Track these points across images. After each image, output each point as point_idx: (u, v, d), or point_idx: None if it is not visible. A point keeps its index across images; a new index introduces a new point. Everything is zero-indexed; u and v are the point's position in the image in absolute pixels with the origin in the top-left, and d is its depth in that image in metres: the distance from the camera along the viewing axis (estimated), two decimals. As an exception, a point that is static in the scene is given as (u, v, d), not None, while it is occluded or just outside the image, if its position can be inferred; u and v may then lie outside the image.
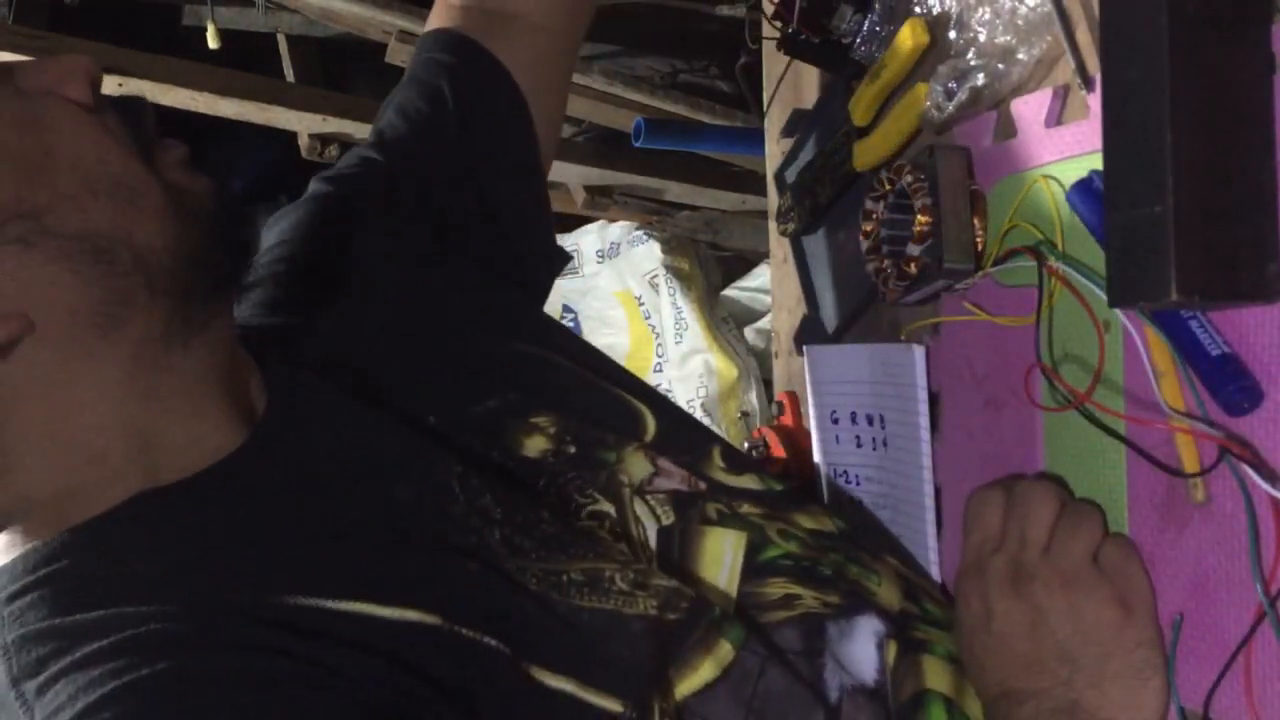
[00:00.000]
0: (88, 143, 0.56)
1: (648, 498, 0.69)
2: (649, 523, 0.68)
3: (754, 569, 0.69)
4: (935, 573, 0.84)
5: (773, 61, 1.15)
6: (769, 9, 0.88)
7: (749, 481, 0.75)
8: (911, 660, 0.70)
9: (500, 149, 0.81)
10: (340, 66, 2.40)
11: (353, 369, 0.68)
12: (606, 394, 0.74)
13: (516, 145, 0.82)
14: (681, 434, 0.75)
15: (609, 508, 0.67)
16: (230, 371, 0.62)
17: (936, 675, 0.70)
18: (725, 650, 0.63)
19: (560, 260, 0.89)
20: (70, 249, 0.54)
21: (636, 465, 0.70)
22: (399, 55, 1.88)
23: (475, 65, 0.81)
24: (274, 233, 0.78)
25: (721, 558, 0.68)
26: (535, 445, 0.68)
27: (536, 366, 0.73)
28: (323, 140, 1.94)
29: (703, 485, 0.71)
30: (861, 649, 0.68)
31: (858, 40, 0.87)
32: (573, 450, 0.68)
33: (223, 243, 0.60)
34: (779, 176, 1.09)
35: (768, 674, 0.64)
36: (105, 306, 0.55)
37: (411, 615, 0.55)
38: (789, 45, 0.91)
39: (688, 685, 0.61)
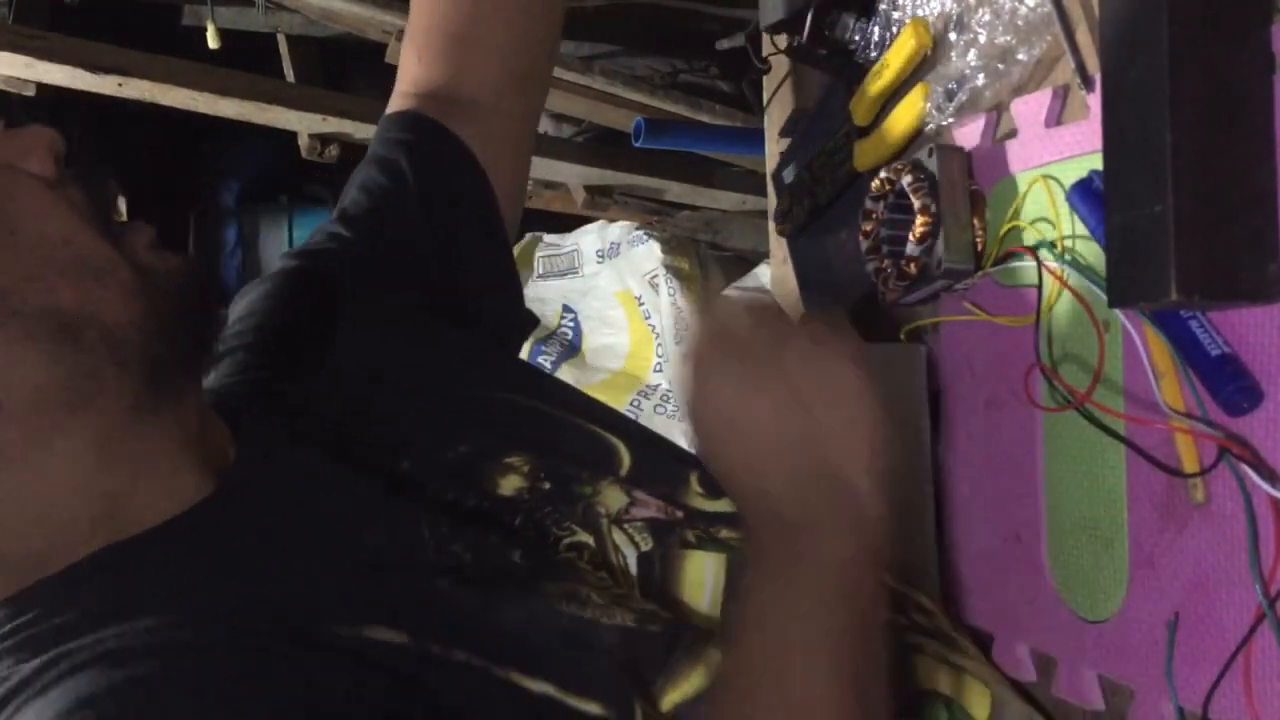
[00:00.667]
0: (52, 220, 0.56)
1: (625, 526, 0.69)
2: (628, 550, 0.68)
3: (737, 589, 0.68)
4: (934, 572, 0.84)
5: (773, 63, 1.15)
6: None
7: (727, 505, 0.74)
8: (904, 661, 0.69)
9: (461, 217, 0.82)
10: (340, 66, 2.40)
11: (325, 421, 0.68)
12: (580, 430, 0.74)
13: (478, 214, 0.83)
14: (658, 466, 0.74)
15: (587, 538, 0.68)
16: (201, 434, 0.62)
17: (932, 677, 0.70)
18: (716, 659, 0.63)
19: (530, 324, 0.90)
20: (36, 328, 0.53)
21: (612, 497, 0.70)
22: (399, 55, 1.88)
23: (433, 140, 0.82)
24: (242, 304, 0.78)
25: (703, 581, 0.68)
26: (510, 484, 0.68)
27: (509, 409, 0.73)
28: (323, 140, 1.94)
29: (680, 514, 0.71)
30: None
31: (860, 45, 0.87)
32: (548, 486, 0.68)
33: (192, 317, 0.60)
34: (778, 176, 1.09)
35: None
36: (72, 382, 0.54)
37: (381, 634, 0.55)
38: (798, 54, 0.92)
39: (679, 693, 0.61)
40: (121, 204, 0.62)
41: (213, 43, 1.94)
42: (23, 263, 0.54)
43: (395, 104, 0.87)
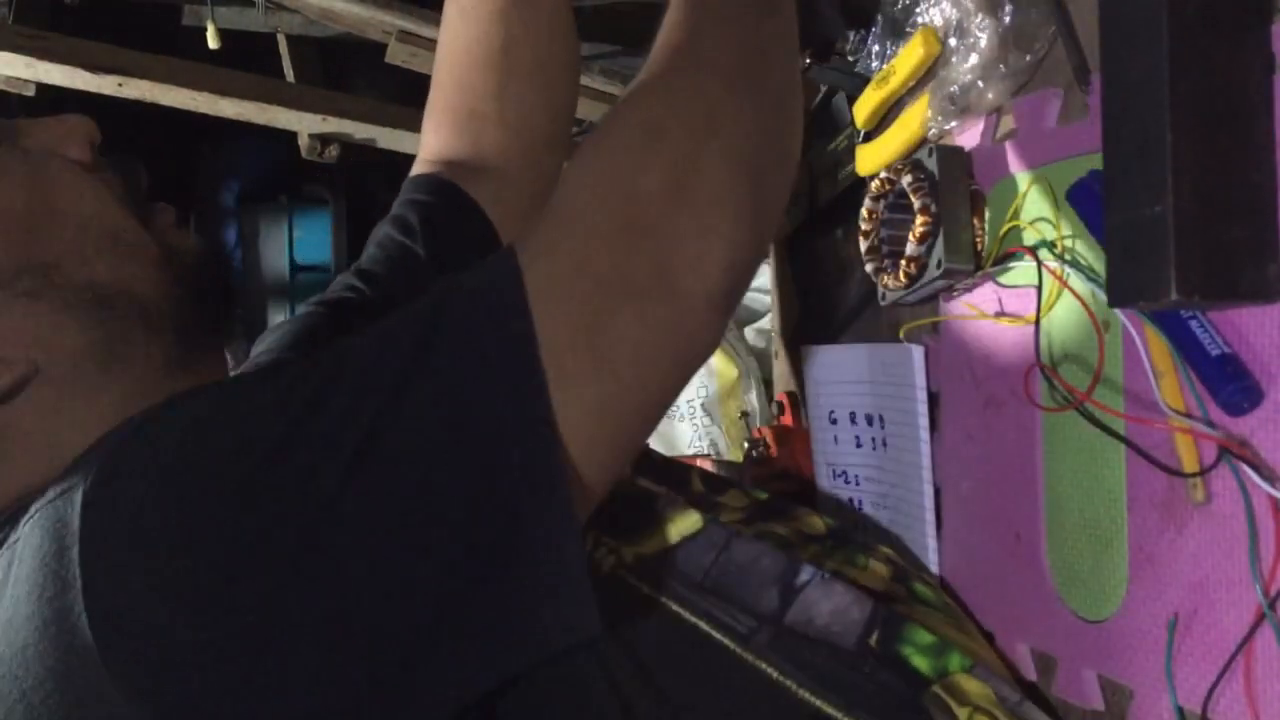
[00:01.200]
0: (90, 200, 0.61)
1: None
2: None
3: None
4: (935, 572, 0.84)
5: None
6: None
7: (731, 499, 0.78)
8: (889, 623, 0.69)
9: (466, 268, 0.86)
10: (340, 66, 2.40)
11: None
12: None
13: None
14: (661, 468, 0.78)
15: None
16: None
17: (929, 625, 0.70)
18: (694, 519, 0.67)
19: None
20: (74, 299, 0.59)
21: None
22: (399, 55, 1.88)
23: (445, 199, 0.88)
24: (263, 345, 0.83)
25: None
26: None
27: None
28: (323, 140, 1.94)
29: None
30: (829, 599, 0.68)
31: (863, 55, 0.87)
32: None
33: (212, 290, 0.66)
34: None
35: (733, 546, 0.67)
36: (108, 346, 0.60)
37: None
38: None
39: (652, 545, 0.65)
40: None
41: (213, 43, 1.94)
42: (63, 240, 0.59)
43: (416, 169, 0.93)
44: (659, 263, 0.52)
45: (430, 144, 0.91)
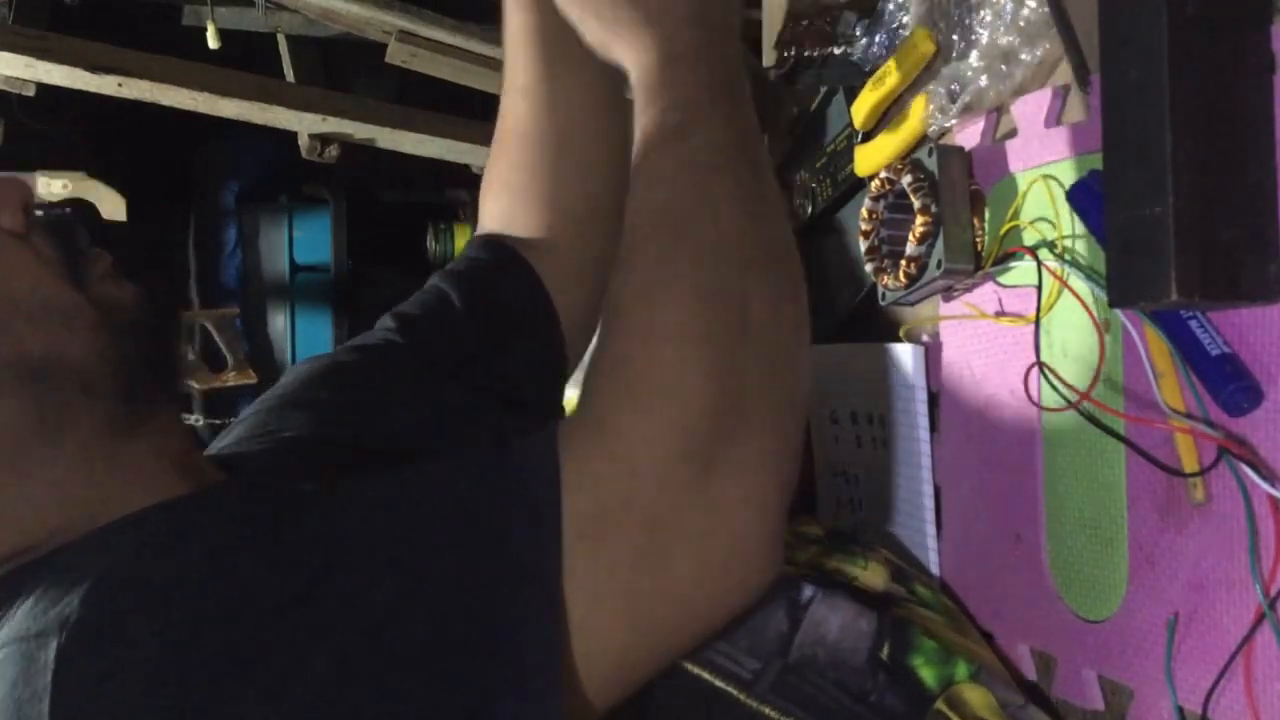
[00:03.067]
0: (21, 272, 0.59)
1: None
2: None
3: None
4: (935, 572, 0.84)
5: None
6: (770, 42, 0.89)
7: None
8: (897, 632, 0.69)
9: (512, 332, 0.87)
10: (340, 66, 2.40)
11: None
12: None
13: (530, 330, 0.88)
14: None
15: None
16: (183, 454, 0.64)
17: (930, 630, 0.70)
18: None
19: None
20: (7, 375, 0.57)
21: None
22: (399, 55, 1.88)
23: (494, 254, 0.89)
24: (289, 379, 0.83)
25: None
26: None
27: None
28: (323, 140, 1.94)
29: None
30: (836, 614, 0.67)
31: (862, 48, 0.87)
32: None
33: (151, 344, 0.63)
34: (778, 177, 1.09)
35: None
36: (44, 417, 0.57)
37: None
38: (793, 76, 0.92)
39: None
40: (121, 204, 0.63)
41: (213, 43, 1.94)
42: None
43: (478, 232, 0.94)
44: (713, 499, 0.48)
45: (489, 210, 0.92)
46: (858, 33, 0.88)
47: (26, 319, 0.58)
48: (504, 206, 0.91)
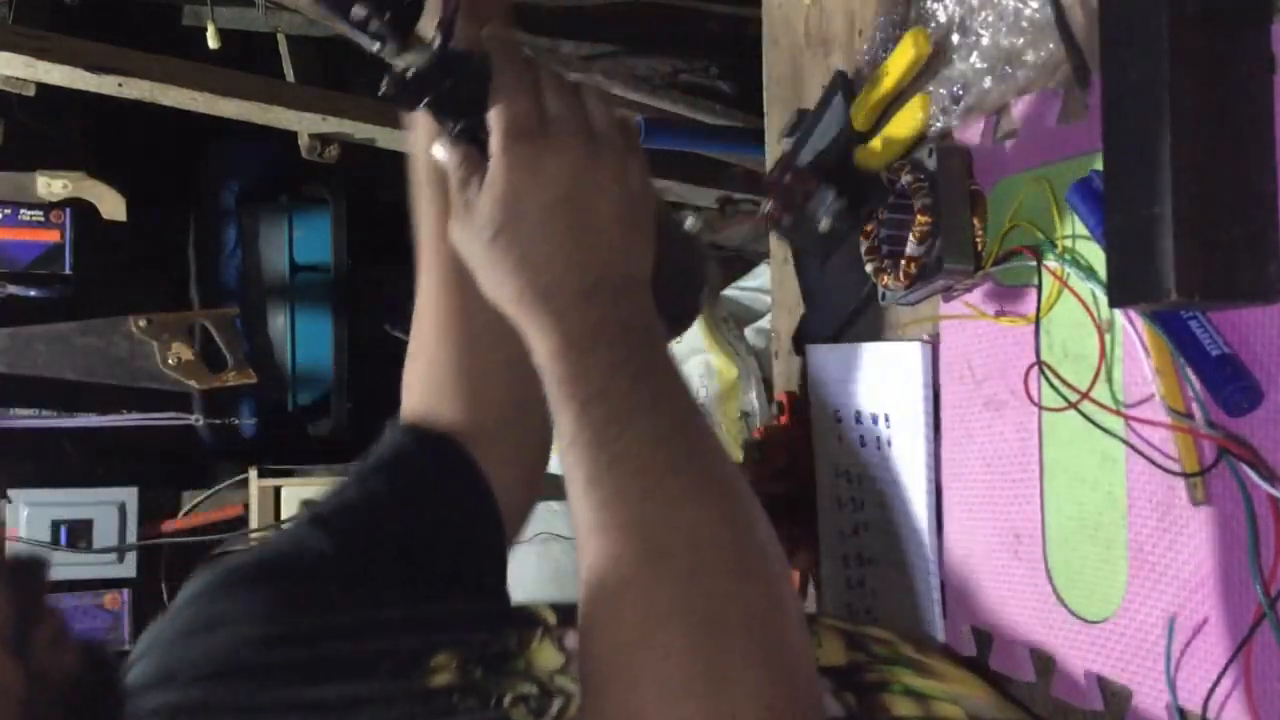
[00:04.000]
0: None
1: (570, 672, 0.67)
2: (575, 687, 0.66)
3: None
4: (935, 572, 0.84)
5: (773, 61, 1.15)
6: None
7: None
8: (871, 700, 0.68)
9: (448, 518, 0.82)
10: (340, 66, 2.40)
11: None
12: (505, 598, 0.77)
13: (469, 518, 0.82)
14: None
15: (530, 689, 0.66)
16: None
17: (904, 706, 0.69)
18: None
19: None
20: None
21: (546, 656, 0.69)
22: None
23: (425, 441, 0.82)
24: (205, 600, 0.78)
25: None
26: (440, 680, 0.67)
27: (429, 614, 0.74)
28: (323, 140, 1.94)
29: None
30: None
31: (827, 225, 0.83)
32: (478, 674, 0.68)
33: (88, 709, 0.62)
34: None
35: None
36: None
37: None
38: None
39: None
40: (121, 204, 0.61)
41: (213, 43, 1.94)
42: None
43: (403, 417, 0.88)
44: None
45: (412, 400, 0.87)
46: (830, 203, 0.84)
47: None
48: (430, 405, 0.85)
